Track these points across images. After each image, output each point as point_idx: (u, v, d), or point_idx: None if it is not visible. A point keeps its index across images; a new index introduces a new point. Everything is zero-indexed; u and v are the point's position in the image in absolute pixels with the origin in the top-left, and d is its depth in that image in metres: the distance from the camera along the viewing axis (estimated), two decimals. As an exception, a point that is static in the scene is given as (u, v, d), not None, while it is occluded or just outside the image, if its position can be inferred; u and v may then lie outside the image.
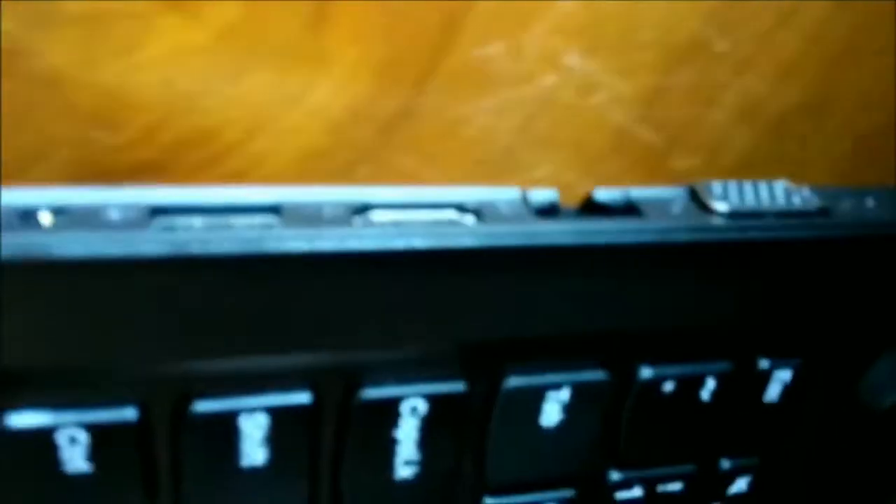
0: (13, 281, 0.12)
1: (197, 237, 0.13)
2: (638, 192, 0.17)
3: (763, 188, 0.18)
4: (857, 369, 0.19)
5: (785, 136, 0.22)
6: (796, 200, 0.18)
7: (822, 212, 0.18)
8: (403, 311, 0.15)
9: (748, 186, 0.18)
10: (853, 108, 0.22)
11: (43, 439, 0.13)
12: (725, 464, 0.20)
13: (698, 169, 0.22)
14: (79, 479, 0.13)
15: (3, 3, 0.17)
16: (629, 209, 0.17)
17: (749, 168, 0.23)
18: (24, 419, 0.12)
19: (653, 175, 0.22)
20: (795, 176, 0.23)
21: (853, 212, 0.18)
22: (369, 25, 0.19)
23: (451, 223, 0.16)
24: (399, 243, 0.14)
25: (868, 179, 0.23)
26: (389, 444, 0.15)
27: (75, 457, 0.13)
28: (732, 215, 0.17)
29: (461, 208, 0.16)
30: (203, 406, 0.14)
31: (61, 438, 0.13)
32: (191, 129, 0.19)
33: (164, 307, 0.13)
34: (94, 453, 0.13)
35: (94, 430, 0.13)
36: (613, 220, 0.16)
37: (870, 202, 0.19)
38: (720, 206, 0.17)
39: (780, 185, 0.18)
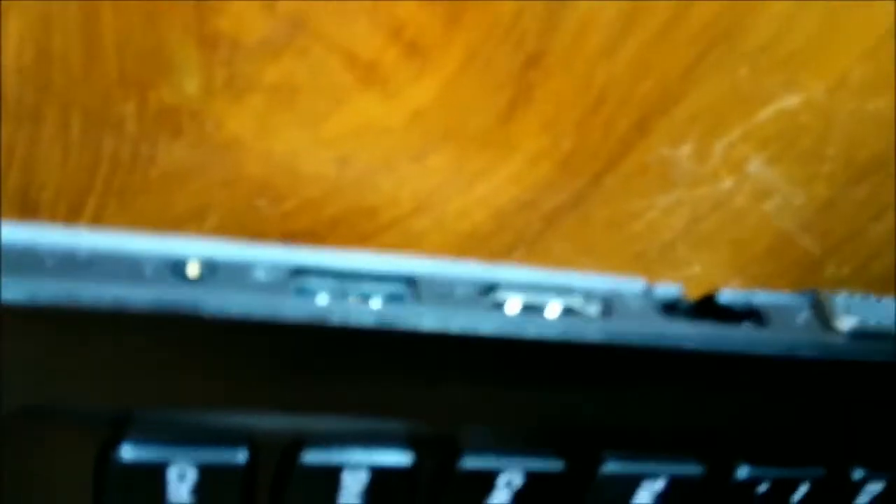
0: (156, 329, 0.12)
1: (338, 309, 0.13)
2: (761, 298, 0.17)
3: (888, 305, 0.18)
4: None
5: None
6: None
7: None
8: (518, 391, 0.15)
9: (873, 302, 0.18)
10: None
11: (154, 473, 0.13)
12: None
13: (848, 278, 0.22)
14: None
15: (190, 67, 0.16)
16: (751, 314, 0.17)
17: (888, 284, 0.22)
18: (140, 453, 0.13)
19: (804, 281, 0.22)
20: None
21: None
22: (561, 118, 0.18)
23: (578, 314, 0.15)
24: (531, 332, 0.14)
25: None
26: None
27: (181, 492, 0.13)
28: (854, 335, 0.17)
29: (588, 296, 0.15)
30: (312, 456, 0.14)
31: (171, 474, 0.13)
32: (355, 205, 0.18)
33: (295, 365, 0.13)
34: (200, 490, 0.14)
35: (204, 468, 0.13)
36: (737, 328, 0.16)
37: None
38: (843, 323, 0.17)
39: None
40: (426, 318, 0.14)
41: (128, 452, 0.13)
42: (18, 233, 0.12)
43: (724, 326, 0.16)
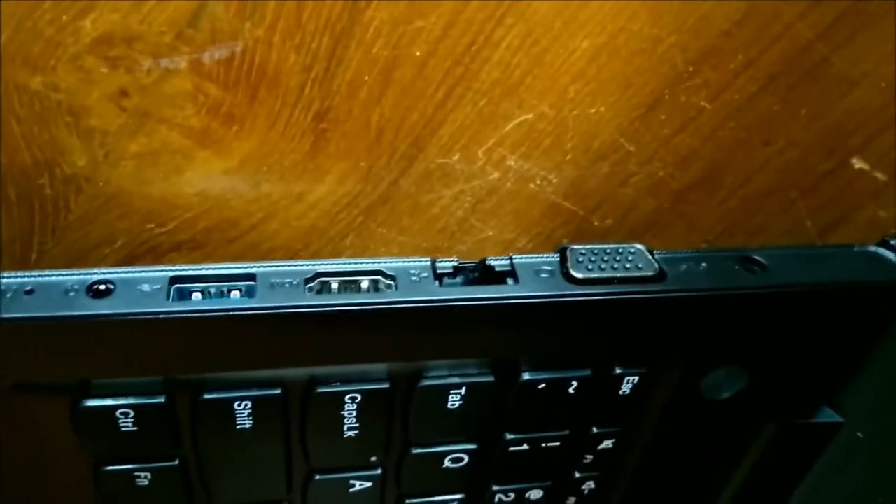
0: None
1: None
2: (520, 260, 0.23)
3: (619, 254, 0.23)
4: (696, 375, 0.27)
5: (684, 204, 0.29)
6: (641, 265, 0.23)
7: (658, 277, 0.23)
8: (350, 340, 0.22)
9: (609, 252, 0.23)
10: (734, 184, 0.29)
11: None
12: (594, 430, 0.27)
13: (613, 227, 0.29)
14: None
15: (77, 150, 0.23)
16: (510, 273, 0.22)
17: (654, 226, 0.29)
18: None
19: (579, 231, 0.29)
20: (691, 230, 0.30)
21: (684, 276, 0.23)
22: (355, 149, 0.25)
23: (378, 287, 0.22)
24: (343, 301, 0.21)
25: (748, 235, 0.30)
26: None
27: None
28: (584, 281, 0.22)
29: (384, 275, 0.22)
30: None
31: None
32: (220, 218, 0.26)
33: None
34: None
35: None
36: (487, 287, 0.22)
37: (703, 265, 0.24)
38: (577, 274, 0.22)
39: (635, 251, 0.23)
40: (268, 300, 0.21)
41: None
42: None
43: (478, 287, 0.22)
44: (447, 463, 0.26)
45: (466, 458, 0.26)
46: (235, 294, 0.21)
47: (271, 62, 0.22)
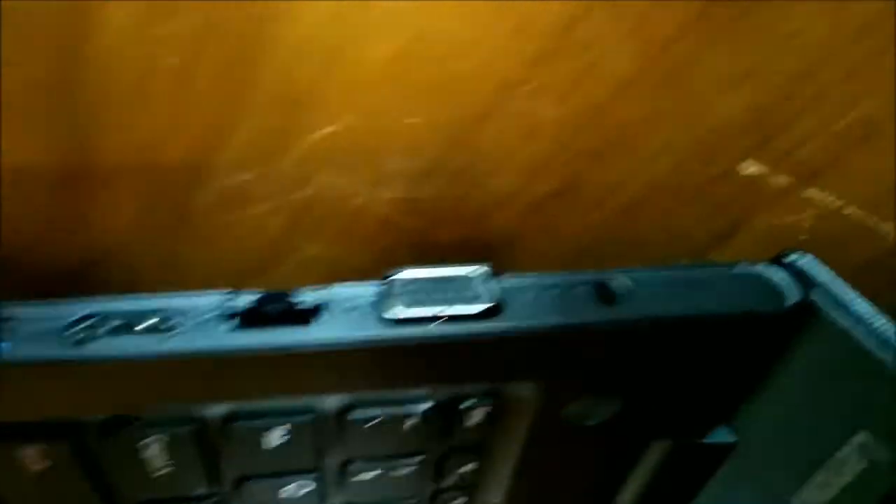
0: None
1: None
2: (336, 293, 0.19)
3: (453, 281, 0.20)
4: (556, 405, 0.24)
5: (542, 217, 0.25)
6: (478, 295, 0.19)
7: (492, 311, 0.19)
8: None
9: (441, 280, 0.20)
10: (598, 195, 0.25)
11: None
12: (450, 458, 0.24)
13: (464, 242, 0.25)
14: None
15: None
16: (316, 311, 0.19)
17: (512, 239, 0.26)
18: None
19: (424, 247, 0.25)
20: (554, 245, 0.26)
21: (525, 308, 0.20)
22: (128, 164, 0.21)
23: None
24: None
25: (626, 246, 0.26)
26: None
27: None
28: (401, 322, 0.19)
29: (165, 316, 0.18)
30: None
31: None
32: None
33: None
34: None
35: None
36: (275, 331, 0.18)
37: (552, 293, 0.20)
38: (394, 313, 0.19)
39: (474, 277, 0.20)
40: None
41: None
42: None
43: (272, 331, 0.18)
44: (287, 494, 0.23)
45: (313, 485, 0.23)
46: None
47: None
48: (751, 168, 0.25)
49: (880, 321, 0.20)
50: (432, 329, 0.19)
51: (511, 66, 0.20)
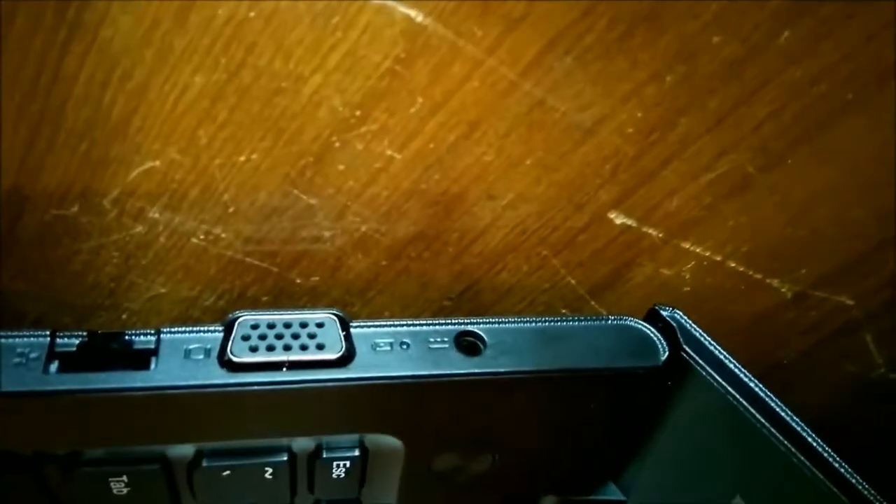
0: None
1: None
2: (173, 335, 0.18)
3: (302, 327, 0.19)
4: (422, 457, 0.22)
5: (404, 261, 0.24)
6: (327, 342, 0.18)
7: (341, 361, 0.18)
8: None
9: (289, 325, 0.19)
10: (459, 241, 0.23)
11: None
12: None
13: (325, 285, 0.24)
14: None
15: None
16: (154, 352, 0.18)
17: (375, 283, 0.24)
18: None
19: (279, 288, 0.24)
20: (424, 290, 0.25)
21: (376, 358, 0.19)
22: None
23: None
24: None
25: (499, 293, 0.25)
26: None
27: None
28: (242, 367, 0.18)
29: None
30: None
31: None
32: None
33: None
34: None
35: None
36: (112, 375, 0.17)
37: (406, 343, 0.19)
38: (235, 358, 0.18)
39: (325, 324, 0.19)
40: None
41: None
42: None
43: (102, 374, 0.17)
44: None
45: None
46: None
47: None
48: (619, 219, 0.23)
49: (753, 381, 0.20)
50: (277, 376, 0.18)
51: (339, 105, 0.19)
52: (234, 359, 0.18)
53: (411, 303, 0.25)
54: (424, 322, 0.20)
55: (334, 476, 0.22)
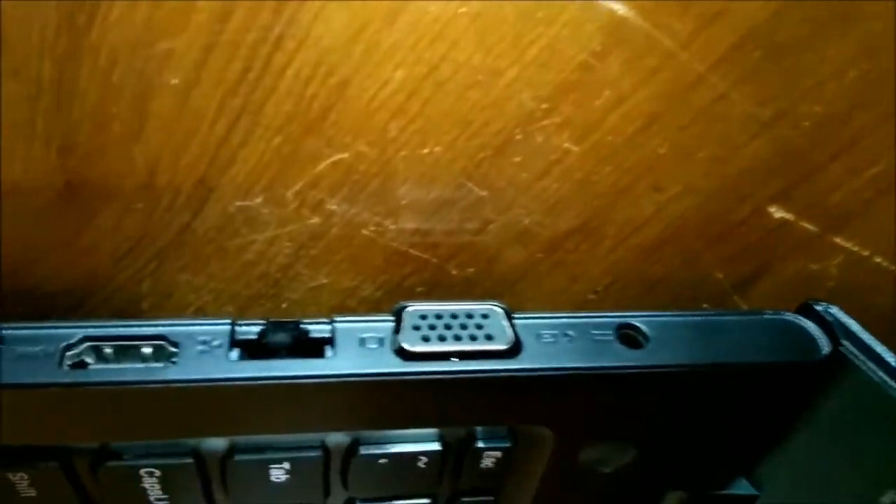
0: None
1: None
2: (345, 324, 0.18)
3: (469, 318, 0.19)
4: (571, 449, 0.23)
5: (560, 253, 0.24)
6: (494, 334, 0.19)
7: (511, 351, 0.18)
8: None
9: (456, 315, 0.19)
10: (618, 234, 0.23)
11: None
12: (462, 499, 0.23)
13: (478, 277, 0.24)
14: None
15: None
16: (329, 341, 0.18)
17: (527, 275, 0.25)
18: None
19: (435, 280, 0.24)
20: (573, 283, 0.25)
21: (544, 350, 0.19)
22: (121, 195, 0.20)
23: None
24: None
25: (645, 287, 0.25)
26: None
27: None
28: (417, 356, 0.18)
29: (168, 341, 0.17)
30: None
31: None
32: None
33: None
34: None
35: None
36: (284, 363, 0.18)
37: (570, 335, 0.19)
38: (409, 346, 0.18)
39: (489, 315, 0.19)
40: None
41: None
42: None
43: (283, 362, 0.18)
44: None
45: None
46: None
47: (-16, 89, 0.17)
48: (778, 213, 0.23)
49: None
50: (448, 366, 0.18)
51: (529, 99, 0.19)
52: (408, 348, 0.18)
53: (557, 295, 0.25)
54: (584, 314, 0.20)
55: (482, 466, 0.22)
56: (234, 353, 0.17)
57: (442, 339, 0.19)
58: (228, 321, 0.18)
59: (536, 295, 0.25)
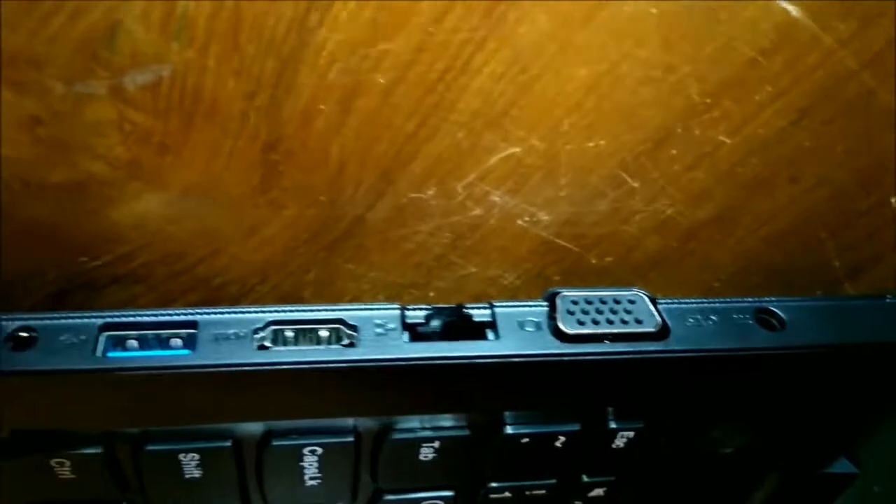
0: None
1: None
2: (503, 309, 0.19)
3: (616, 303, 0.20)
4: (698, 430, 0.23)
5: (694, 243, 0.25)
6: (642, 318, 0.20)
7: (660, 334, 0.19)
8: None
9: (604, 301, 0.20)
10: (752, 223, 0.25)
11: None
12: (584, 479, 0.24)
13: (614, 265, 0.26)
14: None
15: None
16: (491, 325, 0.19)
17: (659, 264, 0.26)
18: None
19: (573, 269, 0.26)
20: (701, 271, 0.26)
21: (690, 332, 0.20)
22: (313, 182, 0.22)
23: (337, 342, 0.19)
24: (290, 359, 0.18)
25: (765, 275, 0.27)
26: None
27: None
28: (574, 338, 0.19)
29: (345, 325, 0.19)
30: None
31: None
32: (163, 252, 0.23)
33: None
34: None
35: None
36: (453, 345, 0.19)
37: (712, 319, 0.20)
38: (567, 329, 0.19)
39: (635, 300, 0.20)
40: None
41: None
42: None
43: (453, 343, 0.19)
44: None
45: None
46: (177, 342, 0.18)
47: (206, 88, 0.19)
48: (900, 201, 0.25)
49: None
50: (605, 347, 0.20)
51: (696, 94, 0.21)
52: (566, 330, 0.19)
53: (684, 283, 0.27)
54: (722, 300, 0.21)
55: (613, 446, 0.23)
56: (406, 336, 0.19)
57: (595, 322, 0.20)
58: (398, 306, 0.19)
59: (665, 283, 0.27)
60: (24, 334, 0.17)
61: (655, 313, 0.20)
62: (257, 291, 0.24)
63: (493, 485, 0.23)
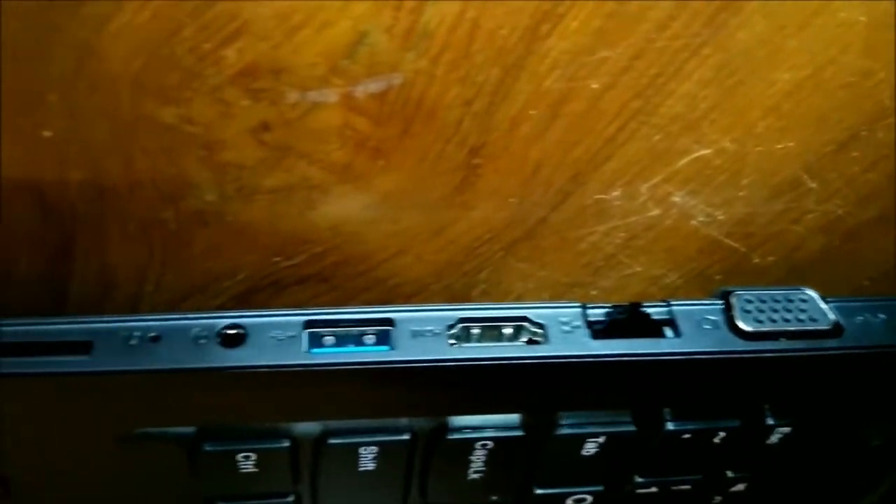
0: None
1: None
2: (679, 307, 0.20)
3: (789, 302, 0.21)
4: (851, 426, 0.24)
5: (854, 242, 0.26)
6: (815, 316, 0.20)
7: (834, 331, 0.20)
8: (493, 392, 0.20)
9: (777, 299, 0.21)
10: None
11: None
12: (729, 474, 0.24)
13: (774, 265, 0.26)
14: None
15: (207, 184, 0.21)
16: (669, 322, 0.20)
17: (817, 263, 0.27)
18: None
19: (735, 268, 0.26)
20: (854, 267, 0.27)
21: (862, 329, 0.20)
22: (506, 184, 0.22)
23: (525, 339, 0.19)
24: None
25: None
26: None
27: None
28: (753, 336, 0.20)
29: (531, 322, 0.19)
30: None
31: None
32: (350, 253, 0.24)
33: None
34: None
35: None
36: (642, 341, 0.19)
37: (881, 316, 0.21)
38: (745, 327, 0.20)
39: (806, 299, 0.21)
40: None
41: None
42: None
43: (638, 341, 0.19)
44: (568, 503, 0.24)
45: (590, 498, 0.24)
46: (370, 339, 0.19)
47: (430, 95, 0.20)
48: None
49: None
50: (783, 344, 0.20)
51: (888, 98, 0.21)
52: (745, 328, 0.20)
53: (838, 281, 0.27)
54: (886, 298, 0.22)
55: (768, 443, 0.23)
56: (588, 333, 0.19)
57: (772, 321, 0.21)
58: (578, 304, 0.20)
59: (820, 281, 0.27)
60: (233, 331, 0.18)
61: (827, 311, 0.21)
62: (430, 290, 0.25)
63: (640, 480, 0.24)
